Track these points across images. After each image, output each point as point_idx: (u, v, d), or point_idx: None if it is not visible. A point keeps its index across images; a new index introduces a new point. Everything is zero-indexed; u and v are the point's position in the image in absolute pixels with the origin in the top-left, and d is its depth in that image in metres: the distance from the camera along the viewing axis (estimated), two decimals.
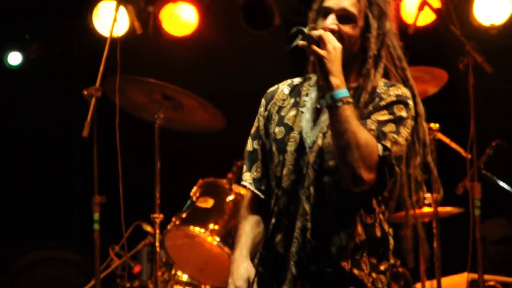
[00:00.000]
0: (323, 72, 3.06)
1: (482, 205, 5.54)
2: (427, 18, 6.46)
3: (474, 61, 5.71)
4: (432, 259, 5.61)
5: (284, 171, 3.19)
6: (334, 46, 3.06)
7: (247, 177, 3.34)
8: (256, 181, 3.33)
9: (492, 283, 6.08)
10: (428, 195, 5.72)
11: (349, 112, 3.03)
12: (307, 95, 3.26)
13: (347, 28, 3.16)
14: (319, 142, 3.15)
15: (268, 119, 3.31)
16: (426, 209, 5.77)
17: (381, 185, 3.10)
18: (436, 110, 5.93)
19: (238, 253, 3.24)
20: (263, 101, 3.37)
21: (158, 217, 5.55)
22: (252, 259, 3.26)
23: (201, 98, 5.76)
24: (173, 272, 5.68)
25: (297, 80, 3.34)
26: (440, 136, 5.76)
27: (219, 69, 7.34)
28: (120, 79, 5.19)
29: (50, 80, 7.29)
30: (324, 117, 3.18)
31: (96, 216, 5.11)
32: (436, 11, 6.07)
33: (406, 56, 3.35)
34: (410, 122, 3.15)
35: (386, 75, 3.26)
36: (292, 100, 3.28)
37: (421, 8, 5.94)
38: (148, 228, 5.65)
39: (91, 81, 5.15)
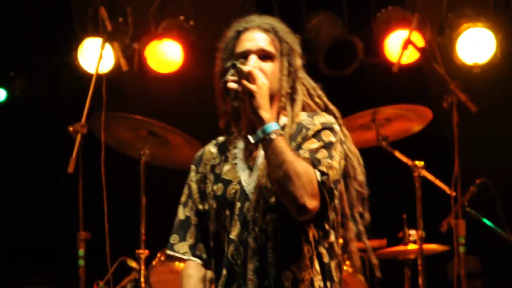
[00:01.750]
0: (253, 107, 3.09)
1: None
2: (411, 56, 6.53)
3: (458, 100, 5.77)
4: None
5: (232, 223, 3.21)
6: (262, 81, 3.11)
7: (180, 248, 3.37)
8: (192, 248, 3.36)
9: None
10: (413, 232, 5.75)
11: (283, 143, 3.08)
12: (235, 147, 3.30)
13: (267, 67, 3.22)
14: (258, 183, 3.19)
15: (202, 181, 3.34)
16: (411, 246, 5.79)
17: (323, 210, 3.13)
18: (421, 147, 6.01)
19: None
20: (192, 167, 3.40)
21: (144, 252, 5.54)
22: None
23: (186, 135, 5.77)
24: None
25: (221, 139, 3.39)
26: (424, 173, 5.78)
27: (204, 106, 7.33)
28: (106, 116, 5.21)
29: (35, 116, 7.29)
30: (259, 161, 3.22)
31: (81, 252, 5.09)
32: (420, 49, 6.16)
33: (318, 85, 3.41)
34: (339, 146, 3.23)
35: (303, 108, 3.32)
36: (222, 157, 3.32)
37: (405, 46, 6.02)
38: (133, 264, 5.63)
39: (77, 118, 5.17)
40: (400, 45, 6.04)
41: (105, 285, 5.55)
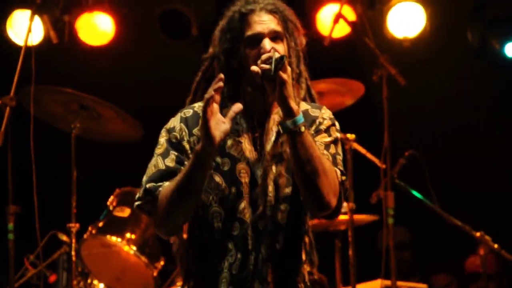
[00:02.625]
0: (284, 96, 3.00)
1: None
2: (342, 30, 6.57)
3: (388, 73, 5.85)
4: (348, 266, 5.71)
5: (242, 204, 3.13)
6: (289, 70, 3.05)
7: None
8: None
9: None
10: (344, 204, 5.81)
11: (311, 138, 3.06)
12: (236, 123, 3.18)
13: (280, 48, 3.16)
14: (273, 170, 3.14)
15: (198, 143, 3.12)
16: (341, 217, 5.85)
17: (337, 210, 3.15)
18: (352, 121, 6.06)
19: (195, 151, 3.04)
20: (181, 125, 3.23)
21: (74, 226, 5.51)
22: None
23: (118, 108, 5.74)
24: (89, 281, 5.63)
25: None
26: (356, 146, 5.86)
27: (136, 79, 7.32)
28: (36, 89, 5.15)
29: None
30: (269, 146, 3.16)
31: (11, 226, 5.06)
32: (351, 23, 6.21)
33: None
34: (340, 142, 3.26)
35: None
36: None
37: (336, 20, 6.06)
38: (64, 238, 5.59)
39: (6, 91, 5.10)
40: (331, 19, 6.08)
41: (36, 259, 5.52)
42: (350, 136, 5.82)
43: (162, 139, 3.23)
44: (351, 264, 5.67)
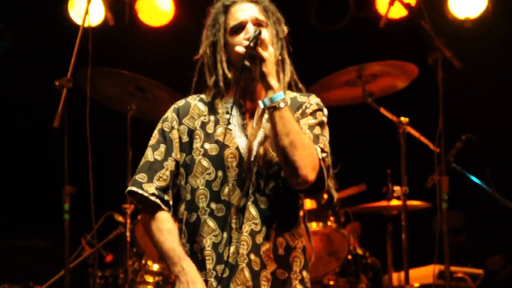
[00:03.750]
0: (264, 73, 3.20)
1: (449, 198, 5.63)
2: (399, 12, 6.51)
3: (443, 56, 5.77)
4: (400, 251, 5.69)
5: (227, 187, 3.29)
6: (271, 49, 3.24)
7: (149, 188, 3.34)
8: (160, 192, 3.34)
9: (460, 274, 6.17)
10: (397, 188, 5.79)
11: (290, 113, 3.20)
12: (227, 113, 3.37)
13: (264, 33, 3.29)
14: (260, 151, 3.29)
15: (187, 133, 3.38)
16: (394, 202, 5.84)
17: (320, 185, 3.26)
18: (406, 104, 6.03)
19: (187, 265, 3.27)
20: (173, 115, 3.43)
21: (129, 207, 5.60)
22: None
23: (173, 90, 5.79)
24: (143, 261, 5.72)
25: (205, 97, 3.44)
26: (409, 129, 5.82)
27: (193, 61, 7.35)
28: (92, 71, 5.22)
29: (23, 69, 7.29)
30: (250, 129, 3.33)
31: (67, 206, 5.13)
32: (407, 5, 6.12)
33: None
34: (327, 126, 3.38)
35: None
36: (213, 117, 3.38)
37: (392, 2, 6.00)
38: (120, 218, 5.69)
39: (65, 72, 5.18)
40: (387, 0, 6.03)
41: (92, 239, 5.62)
42: (404, 119, 5.77)
43: (156, 130, 3.45)
44: (404, 248, 5.64)
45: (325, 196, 5.72)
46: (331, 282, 5.84)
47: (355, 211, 5.93)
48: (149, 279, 5.67)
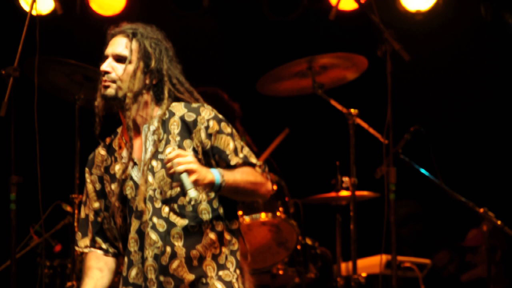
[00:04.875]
0: (202, 178, 3.35)
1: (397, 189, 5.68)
2: (350, 4, 6.54)
3: (392, 49, 5.81)
4: (349, 241, 5.72)
5: (132, 216, 3.57)
6: (189, 159, 3.35)
7: (82, 243, 3.74)
8: (92, 242, 3.70)
9: (408, 264, 6.23)
10: (346, 178, 5.82)
11: (232, 176, 3.43)
12: (120, 147, 3.65)
13: (119, 67, 3.57)
14: (150, 179, 3.50)
15: (97, 181, 3.69)
16: (343, 193, 5.87)
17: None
18: (356, 95, 6.07)
19: None
20: (86, 169, 3.76)
21: (77, 197, 5.57)
22: None
23: None
24: None
25: (109, 140, 3.75)
26: (359, 121, 5.85)
27: None
28: (40, 60, 5.16)
29: None
30: (146, 156, 3.52)
31: (13, 196, 5.07)
32: None
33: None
34: (232, 128, 3.58)
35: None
36: (112, 157, 3.66)
37: None
38: (68, 208, 5.65)
39: (12, 61, 5.12)
40: None
41: (40, 228, 5.58)
42: (353, 111, 5.80)
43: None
44: (352, 239, 5.68)
45: (275, 187, 5.74)
46: (280, 272, 5.87)
47: (305, 202, 5.95)
48: None
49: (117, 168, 3.60)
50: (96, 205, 3.67)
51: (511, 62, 7.24)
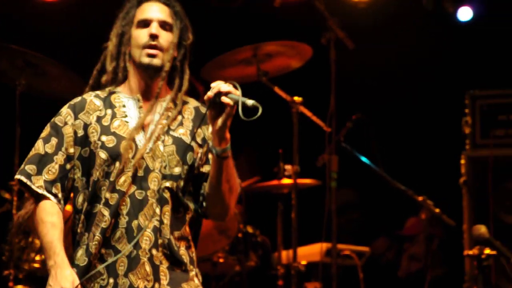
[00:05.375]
0: (225, 127, 3.26)
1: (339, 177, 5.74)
2: None
3: (336, 37, 5.85)
4: (290, 229, 5.76)
5: (123, 177, 3.39)
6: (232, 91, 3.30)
7: (36, 181, 3.42)
8: (47, 184, 3.43)
9: (347, 252, 6.29)
10: (288, 167, 5.85)
11: (231, 161, 3.37)
12: (124, 106, 3.49)
13: (167, 36, 3.46)
14: (161, 148, 3.41)
15: (82, 128, 3.45)
16: (285, 181, 5.89)
17: None
18: (300, 84, 6.09)
19: (59, 259, 3.35)
20: (68, 110, 3.51)
21: (17, 184, 5.49)
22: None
23: (64, 66, 5.69)
24: (30, 239, 5.63)
25: (100, 93, 3.54)
26: (302, 109, 5.87)
27: (89, 36, 7.24)
28: None
29: None
30: (152, 127, 3.43)
31: None
32: None
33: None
34: None
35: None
36: (109, 111, 3.48)
37: None
38: (6, 195, 5.59)
39: None
40: None
41: None
42: (297, 99, 5.82)
43: (48, 123, 3.51)
44: (293, 227, 5.71)
45: None
46: (221, 260, 5.88)
47: (247, 190, 5.96)
48: (36, 257, 5.58)
49: (116, 123, 3.44)
50: (71, 150, 3.44)
51: (452, 51, 7.32)
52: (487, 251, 5.07)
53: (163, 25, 3.46)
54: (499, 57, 7.17)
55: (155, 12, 3.47)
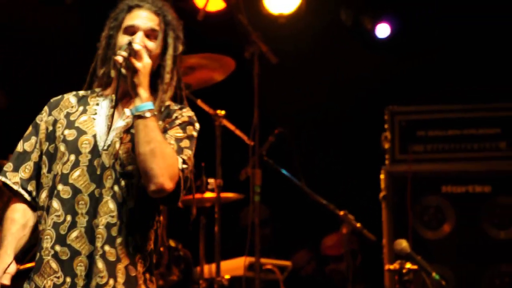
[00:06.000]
0: (134, 84, 3.31)
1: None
2: (217, 5, 6.53)
3: (260, 51, 5.86)
4: (213, 243, 5.72)
5: (78, 172, 3.39)
6: (146, 61, 3.33)
7: (12, 177, 3.50)
8: (23, 181, 3.50)
9: (269, 266, 6.29)
10: (211, 180, 5.81)
11: (156, 123, 3.31)
12: (97, 104, 3.50)
13: (152, 46, 3.44)
14: (116, 146, 3.39)
15: (52, 123, 3.50)
16: (208, 194, 5.85)
17: (176, 195, 3.36)
18: (223, 97, 6.06)
19: (2, 251, 3.42)
20: (45, 108, 3.57)
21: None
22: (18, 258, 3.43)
23: None
24: None
25: (82, 92, 3.58)
26: (225, 122, 5.85)
27: (11, 44, 7.10)
28: None
29: None
30: (120, 124, 3.42)
31: None
32: None
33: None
34: (195, 141, 3.51)
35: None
36: (81, 108, 3.51)
37: None
38: None
39: None
40: None
41: None
42: (220, 112, 5.80)
43: (32, 122, 3.56)
44: (216, 241, 5.67)
45: None
46: None
47: None
48: None
49: (82, 119, 3.45)
50: (44, 147, 3.49)
51: (371, 65, 7.43)
52: (408, 265, 5.13)
53: (150, 33, 3.45)
54: (417, 73, 7.30)
55: (143, 20, 3.45)
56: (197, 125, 3.52)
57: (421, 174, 6.53)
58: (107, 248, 3.31)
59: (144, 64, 3.31)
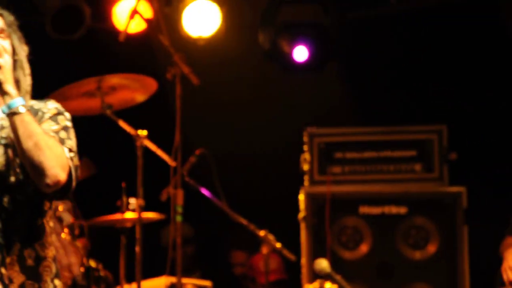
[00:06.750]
0: (0, 82, 3.16)
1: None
2: (138, 26, 6.55)
3: (182, 72, 5.90)
4: (132, 263, 5.70)
5: None
6: (7, 57, 3.22)
7: None
8: None
9: (190, 286, 6.30)
10: (132, 200, 5.80)
11: (32, 117, 3.17)
12: None
13: (6, 44, 3.29)
14: (1, 160, 3.22)
15: None
16: (129, 214, 5.85)
17: (68, 185, 3.23)
18: (144, 117, 6.08)
19: None
20: None
21: None
22: None
23: None
24: None
25: None
26: (147, 143, 5.84)
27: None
28: None
29: None
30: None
31: None
32: (147, 20, 6.20)
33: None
34: (73, 131, 3.36)
35: None
36: None
37: (132, 16, 6.04)
38: None
39: None
40: (127, 14, 6.05)
41: None
42: (141, 132, 5.80)
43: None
44: (137, 261, 5.66)
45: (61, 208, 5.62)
46: None
47: (90, 224, 5.86)
48: None
49: None
50: None
51: (289, 88, 7.53)
52: (328, 285, 5.21)
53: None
54: (336, 95, 7.43)
55: None
56: (67, 114, 3.35)
57: (339, 195, 6.66)
58: (3, 271, 3.16)
59: (6, 60, 3.19)
